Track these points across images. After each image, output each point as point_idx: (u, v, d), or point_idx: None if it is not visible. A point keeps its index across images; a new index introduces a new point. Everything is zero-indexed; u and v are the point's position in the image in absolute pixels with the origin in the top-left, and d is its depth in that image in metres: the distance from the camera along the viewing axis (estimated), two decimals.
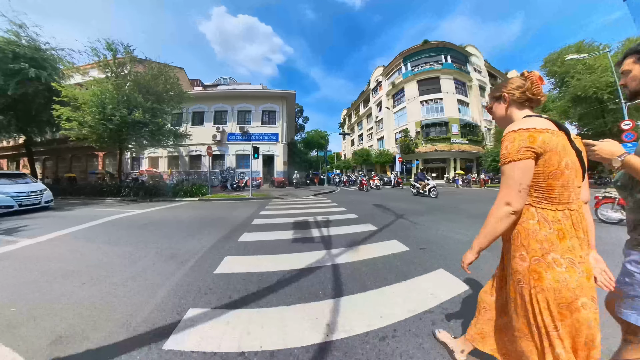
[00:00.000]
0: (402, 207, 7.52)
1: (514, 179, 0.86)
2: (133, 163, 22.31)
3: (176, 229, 4.79)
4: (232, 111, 19.25)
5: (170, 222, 5.55)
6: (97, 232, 4.75)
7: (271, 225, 4.99)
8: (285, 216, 6.05)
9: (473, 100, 33.32)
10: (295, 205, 8.16)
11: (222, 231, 4.47)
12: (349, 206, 7.96)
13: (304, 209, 7.17)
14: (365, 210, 7.05)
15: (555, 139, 0.85)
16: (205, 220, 5.76)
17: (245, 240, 3.86)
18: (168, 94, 13.62)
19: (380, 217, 5.75)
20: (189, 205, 8.86)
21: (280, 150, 18.70)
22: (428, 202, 8.91)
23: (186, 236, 4.21)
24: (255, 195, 11.02)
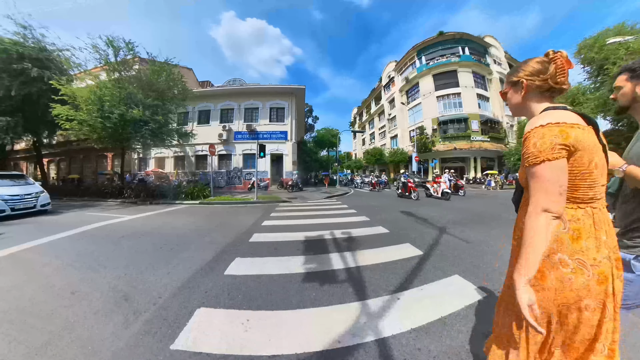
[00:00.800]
0: (430, 214, 6.25)
1: (551, 181, 0.73)
2: (140, 164, 21.93)
3: (153, 247, 3.74)
4: (238, 109, 18.38)
5: (154, 234, 4.53)
6: (66, 246, 3.90)
7: (274, 244, 3.78)
8: (294, 229, 4.83)
9: (493, 94, 31.12)
10: (306, 213, 6.92)
11: (207, 253, 3.34)
12: (370, 213, 6.74)
13: (316, 218, 5.98)
14: (394, 219, 5.82)
15: (587, 135, 0.74)
16: (194, 232, 4.70)
17: (234, 274, 2.66)
18: (171, 91, 12.84)
19: (415, 231, 4.52)
20: (186, 210, 7.91)
21: (290, 149, 17.64)
22: (459, 208, 7.55)
23: (159, 260, 3.13)
24: (261, 198, 9.99)
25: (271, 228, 4.73)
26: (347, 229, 4.60)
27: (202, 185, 11.42)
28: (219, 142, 17.87)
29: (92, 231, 4.90)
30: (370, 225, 4.97)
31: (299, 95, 18.29)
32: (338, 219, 5.65)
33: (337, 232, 4.26)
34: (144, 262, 3.05)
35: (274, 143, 17.51)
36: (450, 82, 29.61)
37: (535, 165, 0.75)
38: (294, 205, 8.59)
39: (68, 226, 5.33)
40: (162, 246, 3.71)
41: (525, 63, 0.88)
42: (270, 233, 4.34)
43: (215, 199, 10.03)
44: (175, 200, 10.24)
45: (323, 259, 3.01)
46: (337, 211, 6.98)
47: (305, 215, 6.31)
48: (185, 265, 2.88)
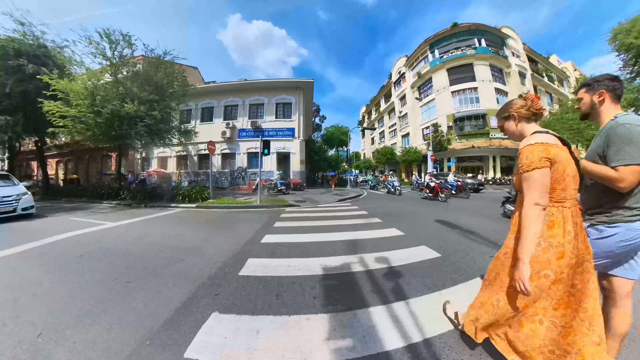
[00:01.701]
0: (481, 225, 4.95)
1: (539, 182, 1.06)
2: (143, 163, 21.29)
3: (109, 275, 2.62)
4: (243, 105, 17.38)
5: (121, 253, 3.44)
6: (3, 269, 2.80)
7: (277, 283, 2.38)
8: (305, 250, 3.45)
9: (512, 88, 29.26)
10: (318, 223, 5.47)
11: (169, 299, 2.15)
12: (400, 223, 5.49)
13: (333, 232, 4.65)
14: (434, 233, 4.55)
15: (562, 152, 1.09)
16: (170, 251, 3.56)
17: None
18: (171, 86, 11.89)
19: (475, 252, 3.26)
20: (179, 216, 6.86)
21: (297, 147, 16.51)
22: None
23: (99, 305, 2.00)
24: (265, 201, 8.86)
25: (273, 248, 3.52)
26: (379, 249, 3.37)
27: (201, 186, 10.39)
28: (222, 140, 16.92)
29: (56, 244, 3.90)
30: (409, 243, 3.73)
31: (307, 89, 17.14)
32: (362, 233, 4.41)
33: (369, 258, 3.00)
34: (77, 309, 1.93)
35: (280, 141, 16.43)
36: (466, 76, 27.98)
37: (528, 172, 1.08)
38: (303, 211, 7.42)
39: (36, 236, 4.43)
40: (119, 276, 2.59)
41: (510, 102, 1.30)
42: (271, 259, 3.07)
43: (214, 202, 8.97)
44: (171, 203, 9.27)
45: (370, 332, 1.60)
46: (357, 220, 5.73)
47: (318, 226, 5.06)
48: (125, 327, 1.72)
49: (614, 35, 21.25)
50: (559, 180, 1.07)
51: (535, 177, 1.05)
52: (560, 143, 1.11)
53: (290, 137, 16.48)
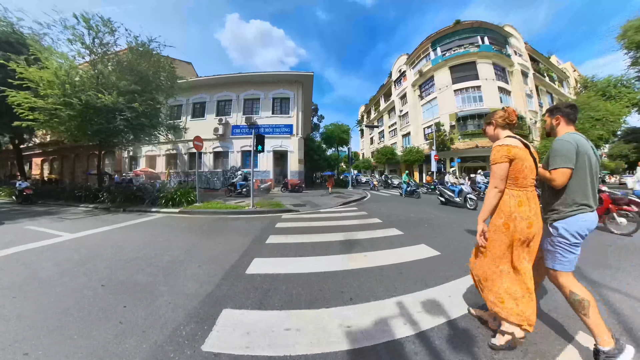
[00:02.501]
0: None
1: (499, 173, 1.50)
2: (131, 163, 20.05)
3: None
4: (237, 100, 16.25)
5: (44, 287, 2.36)
6: None
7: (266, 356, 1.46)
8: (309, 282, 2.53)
9: (515, 87, 28.76)
10: (325, 237, 4.30)
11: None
12: (425, 236, 4.48)
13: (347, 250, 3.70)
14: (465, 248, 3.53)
15: (521, 152, 1.48)
16: (115, 289, 2.50)
17: None
18: (157, 77, 10.73)
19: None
20: (155, 224, 5.77)
21: (295, 145, 15.44)
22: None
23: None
24: (259, 205, 7.81)
25: (264, 284, 2.42)
26: (416, 278, 2.36)
27: (187, 187, 9.28)
28: (214, 137, 15.78)
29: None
30: (448, 265, 2.72)
31: (306, 83, 16.07)
32: (383, 252, 3.42)
33: (410, 302, 2.04)
34: None
35: (277, 138, 15.34)
36: (469, 74, 27.28)
37: (493, 164, 1.52)
38: (303, 218, 6.36)
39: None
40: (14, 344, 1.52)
41: (494, 112, 1.73)
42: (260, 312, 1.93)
43: (200, 206, 7.88)
44: (152, 207, 8.17)
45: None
46: (372, 231, 4.71)
47: (325, 242, 3.98)
48: None
49: (623, 32, 20.70)
50: (520, 171, 1.49)
51: (496, 169, 1.51)
52: (522, 145, 1.52)
53: (288, 134, 15.40)
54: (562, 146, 1.49)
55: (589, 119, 22.94)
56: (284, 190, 14.37)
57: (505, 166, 1.47)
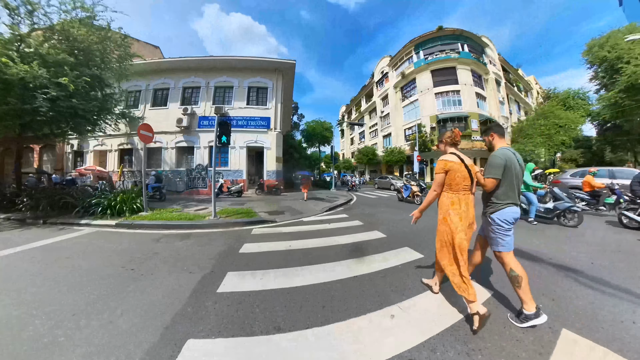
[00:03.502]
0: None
1: (437, 181, 2.04)
2: (76, 159, 16.84)
3: None
4: (206, 87, 14.07)
5: None
6: None
7: None
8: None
9: (490, 94, 30.06)
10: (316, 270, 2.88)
11: None
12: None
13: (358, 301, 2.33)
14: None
15: (455, 165, 1.97)
16: None
17: None
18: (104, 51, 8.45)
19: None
20: (70, 248, 3.88)
21: (273, 141, 13.66)
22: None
23: None
24: (223, 214, 6.11)
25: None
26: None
27: (133, 191, 7.26)
28: (177, 130, 13.49)
29: None
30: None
31: (288, 73, 14.39)
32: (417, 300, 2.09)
33: None
34: None
35: (252, 132, 13.46)
36: (450, 79, 27.92)
37: (435, 174, 2.04)
38: (281, 233, 4.83)
39: None
40: None
41: (445, 132, 2.14)
42: None
43: (147, 216, 5.99)
44: (85, 217, 6.09)
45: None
46: (382, 255, 3.36)
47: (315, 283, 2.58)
48: None
49: (588, 48, 22.20)
50: (453, 179, 1.97)
51: (436, 177, 2.04)
52: (459, 160, 1.99)
53: (265, 129, 13.57)
54: (493, 161, 1.98)
55: (553, 125, 24.59)
56: (260, 193, 12.62)
57: (441, 176, 2.02)
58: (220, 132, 5.42)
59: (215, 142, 5.60)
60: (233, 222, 5.36)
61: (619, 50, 19.20)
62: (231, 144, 13.45)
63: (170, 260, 3.27)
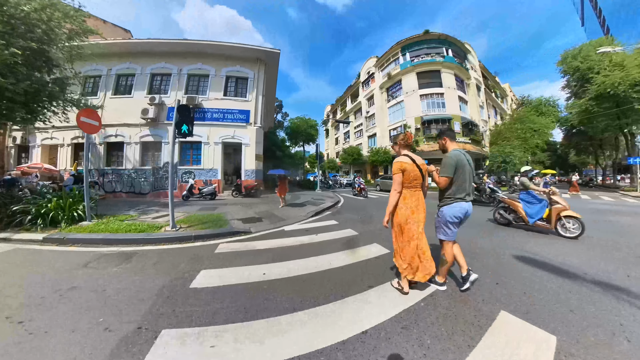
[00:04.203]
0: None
1: (396, 180, 2.23)
2: (20, 154, 14.43)
3: None
4: (178, 75, 12.54)
5: None
6: None
7: None
8: None
9: (471, 98, 30.99)
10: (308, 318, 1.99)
11: None
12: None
13: None
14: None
15: (409, 166, 2.21)
16: None
17: None
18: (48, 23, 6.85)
19: None
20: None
21: (252, 137, 12.42)
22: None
23: None
24: (185, 223, 4.99)
25: None
26: None
27: (74, 194, 5.85)
28: (142, 122, 11.87)
29: None
30: None
31: (271, 63, 13.22)
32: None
33: None
34: None
35: (228, 127, 12.15)
36: (434, 81, 28.34)
37: (394, 175, 2.25)
38: (255, 250, 3.83)
39: None
40: None
41: (399, 134, 2.37)
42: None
43: (88, 227, 4.71)
44: (7, 228, 4.66)
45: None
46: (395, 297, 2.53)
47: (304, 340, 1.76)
48: None
49: (563, 59, 23.37)
50: (407, 178, 2.22)
51: (395, 177, 2.23)
52: (411, 161, 2.23)
53: (243, 123, 12.30)
54: (446, 161, 2.27)
55: (529, 129, 25.89)
56: (237, 195, 11.37)
57: (400, 175, 2.22)
58: (180, 119, 4.29)
59: (173, 133, 4.44)
60: (195, 234, 4.25)
61: (590, 61, 20.26)
62: (205, 139, 12.11)
63: (85, 304, 2.19)
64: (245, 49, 12.41)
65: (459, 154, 2.24)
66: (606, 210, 8.17)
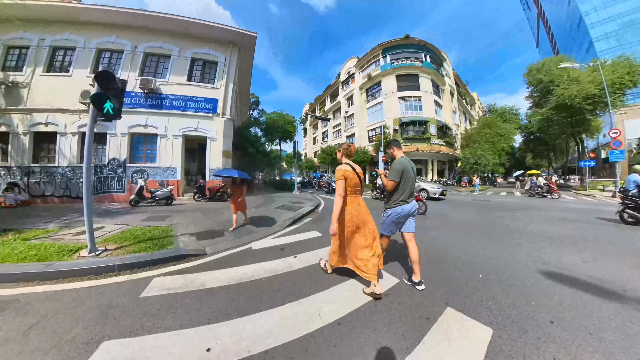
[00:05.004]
0: None
1: (339, 186, 2.39)
2: None
3: None
4: (132, 52, 10.52)
5: None
6: None
7: None
8: None
9: (445, 103, 32.52)
10: None
11: None
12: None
13: None
14: None
15: (349, 173, 2.42)
16: None
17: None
18: None
19: None
20: None
21: (220, 130, 10.83)
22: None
23: None
24: (118, 240, 3.66)
25: None
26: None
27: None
28: (82, 107, 9.71)
29: None
30: None
31: (246, 48, 11.74)
32: None
33: None
34: None
35: (192, 117, 10.47)
36: (413, 85, 29.11)
37: (337, 181, 2.43)
38: (204, 288, 2.68)
39: None
40: None
41: (342, 144, 2.68)
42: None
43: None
44: None
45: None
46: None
47: None
48: None
49: (528, 71, 25.27)
50: (348, 184, 2.41)
51: (338, 183, 2.39)
52: (351, 169, 2.45)
53: (210, 113, 10.68)
54: (394, 167, 2.56)
55: (496, 134, 27.63)
56: (200, 198, 9.78)
57: (343, 182, 2.39)
58: (100, 92, 2.94)
59: (91, 114, 3.08)
60: (120, 263, 2.93)
61: (551, 75, 22.01)
62: (162, 130, 10.10)
63: None
64: (216, 28, 10.76)
65: (404, 162, 2.60)
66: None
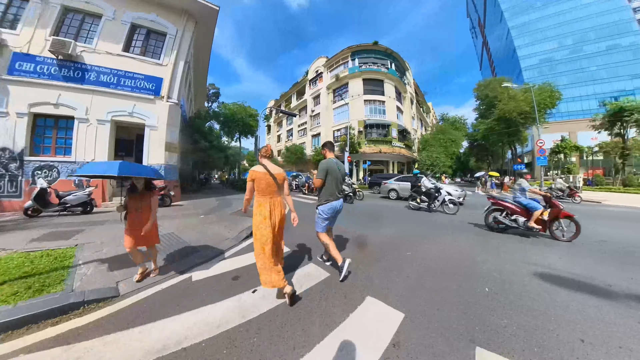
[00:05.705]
0: None
1: (248, 187, 2.40)
2: None
3: None
4: (43, 2, 7.84)
5: None
6: None
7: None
8: None
9: (406, 109, 34.72)
10: None
11: None
12: None
13: None
14: None
15: (261, 174, 2.35)
16: None
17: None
18: None
19: None
20: None
21: (163, 117, 8.81)
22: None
23: None
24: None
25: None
26: None
27: None
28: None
29: None
30: None
31: (205, 22, 9.82)
32: None
33: None
34: None
35: (126, 97, 8.27)
36: (378, 89, 30.27)
37: (247, 182, 2.40)
38: None
39: None
40: None
41: (262, 147, 2.62)
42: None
43: None
44: None
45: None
46: None
47: None
48: None
49: (478, 86, 29.13)
50: (259, 186, 2.36)
51: (248, 185, 2.40)
52: (265, 170, 2.38)
53: (150, 95, 8.63)
54: (321, 166, 2.86)
55: (448, 140, 30.71)
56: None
57: (250, 184, 2.38)
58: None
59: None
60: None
61: (495, 92, 25.38)
62: (82, 112, 7.68)
63: None
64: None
65: (330, 162, 2.91)
66: None
